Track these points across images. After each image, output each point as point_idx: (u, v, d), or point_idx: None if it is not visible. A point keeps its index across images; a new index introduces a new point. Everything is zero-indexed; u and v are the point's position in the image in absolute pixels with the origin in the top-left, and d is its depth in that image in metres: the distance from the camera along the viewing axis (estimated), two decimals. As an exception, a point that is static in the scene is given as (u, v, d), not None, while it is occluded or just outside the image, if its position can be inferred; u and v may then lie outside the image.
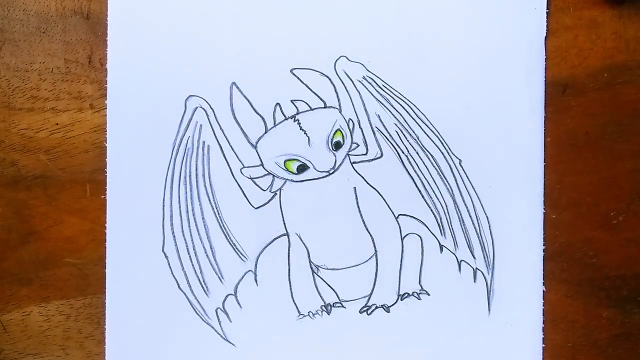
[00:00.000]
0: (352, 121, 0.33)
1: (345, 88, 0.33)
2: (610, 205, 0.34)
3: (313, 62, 0.32)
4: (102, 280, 0.32)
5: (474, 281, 0.33)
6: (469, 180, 0.33)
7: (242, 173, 0.33)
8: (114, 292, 0.32)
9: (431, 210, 0.33)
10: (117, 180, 0.32)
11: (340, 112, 0.33)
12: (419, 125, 0.33)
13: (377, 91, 0.33)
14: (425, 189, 0.33)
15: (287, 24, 0.32)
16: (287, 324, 0.33)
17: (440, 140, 0.33)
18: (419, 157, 0.33)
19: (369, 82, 0.33)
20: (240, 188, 0.33)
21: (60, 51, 0.32)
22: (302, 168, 0.33)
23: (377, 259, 0.33)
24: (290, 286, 0.33)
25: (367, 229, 0.33)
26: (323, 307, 0.33)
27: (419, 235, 0.33)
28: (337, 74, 0.33)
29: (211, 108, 0.32)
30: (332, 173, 0.33)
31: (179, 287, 0.33)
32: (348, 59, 0.32)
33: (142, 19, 0.32)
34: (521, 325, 0.33)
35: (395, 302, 0.34)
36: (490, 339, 0.34)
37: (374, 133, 0.33)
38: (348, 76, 0.33)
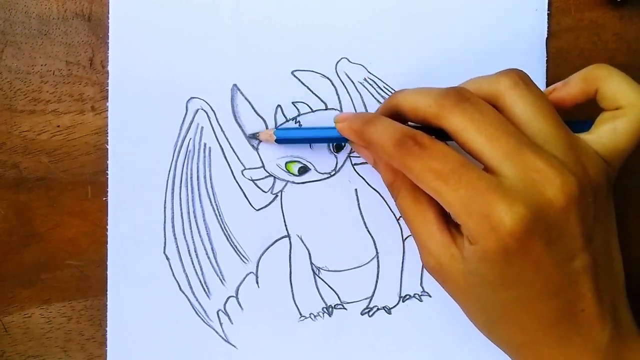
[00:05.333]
0: (354, 123, 0.33)
1: (347, 90, 0.33)
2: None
3: (314, 63, 0.32)
4: (103, 282, 0.32)
5: (476, 283, 0.33)
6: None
7: (243, 175, 0.33)
8: (116, 294, 0.32)
9: (432, 211, 0.33)
10: (118, 182, 0.32)
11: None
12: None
13: (379, 93, 0.33)
14: (427, 191, 0.33)
15: (288, 25, 0.32)
16: (289, 325, 0.33)
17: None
18: (420, 158, 0.33)
19: (370, 84, 0.33)
20: (242, 190, 0.33)
21: (62, 53, 0.32)
22: (304, 170, 0.33)
23: (378, 261, 0.33)
24: (292, 288, 0.33)
25: (368, 231, 0.33)
26: (324, 309, 0.33)
27: (420, 237, 0.33)
28: (338, 75, 0.33)
29: (212, 110, 0.32)
30: (334, 175, 0.33)
31: (180, 289, 0.33)
32: (349, 60, 0.32)
33: (144, 21, 0.32)
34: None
35: (397, 304, 0.34)
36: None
37: (375, 135, 0.33)
38: (349, 78, 0.33)
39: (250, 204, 0.33)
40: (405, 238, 0.33)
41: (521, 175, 0.23)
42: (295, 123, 0.32)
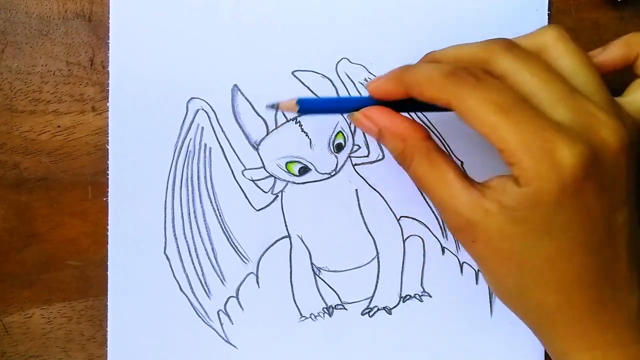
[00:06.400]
0: (354, 123, 0.33)
1: (347, 90, 0.33)
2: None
3: (314, 64, 0.32)
4: (103, 282, 0.32)
5: (476, 283, 0.33)
6: (471, 182, 0.33)
7: (243, 175, 0.33)
8: (116, 295, 0.32)
9: (433, 212, 0.33)
10: (118, 182, 0.32)
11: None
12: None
13: (379, 93, 0.33)
14: (427, 191, 0.33)
15: (289, 26, 0.32)
16: (289, 326, 0.33)
17: (442, 142, 0.33)
18: (421, 159, 0.33)
19: (371, 84, 0.33)
20: (242, 190, 0.33)
21: (62, 54, 0.32)
22: (304, 170, 0.33)
23: (378, 261, 0.33)
24: (292, 288, 0.33)
25: (368, 231, 0.33)
26: (325, 309, 0.33)
27: (420, 237, 0.33)
28: (338, 76, 0.33)
29: (213, 110, 0.32)
30: (334, 175, 0.33)
31: (180, 289, 0.33)
32: (350, 61, 0.32)
33: (144, 21, 0.32)
34: (523, 326, 0.33)
35: (397, 304, 0.34)
36: (492, 341, 0.34)
37: (376, 135, 0.33)
38: (350, 78, 0.33)
39: (251, 204, 0.33)
40: (406, 238, 0.33)
41: (576, 118, 0.23)
42: (296, 124, 0.32)
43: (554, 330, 0.26)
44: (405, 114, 0.26)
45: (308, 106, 0.27)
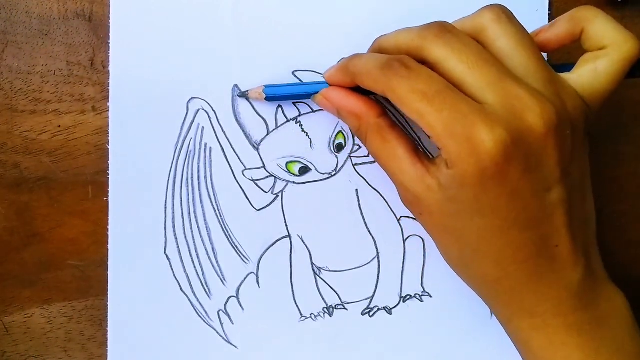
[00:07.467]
0: (354, 123, 0.33)
1: (347, 90, 0.33)
2: (613, 207, 0.34)
3: (314, 63, 0.32)
4: (104, 282, 0.32)
5: (477, 283, 0.33)
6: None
7: (244, 175, 0.33)
8: (116, 294, 0.32)
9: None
10: (119, 182, 0.32)
11: (342, 114, 0.33)
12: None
13: (379, 93, 0.33)
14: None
15: (289, 26, 0.32)
16: (289, 326, 0.33)
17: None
18: (421, 159, 0.33)
19: (371, 84, 0.33)
20: (242, 190, 0.33)
21: (63, 53, 0.32)
22: (304, 170, 0.33)
23: (379, 261, 0.33)
24: (292, 288, 0.33)
25: (369, 231, 0.33)
26: (325, 309, 0.33)
27: (421, 237, 0.33)
28: (339, 75, 0.33)
29: (213, 110, 0.32)
30: (334, 175, 0.33)
31: (181, 289, 0.33)
32: (350, 61, 0.32)
33: (144, 21, 0.32)
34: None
35: (398, 304, 0.34)
36: (492, 341, 0.34)
37: (376, 135, 0.33)
38: (350, 78, 0.33)
39: (251, 204, 0.33)
40: (406, 238, 0.33)
41: (502, 102, 0.24)
42: (296, 123, 0.32)
43: (496, 298, 0.27)
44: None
45: (274, 93, 0.31)
